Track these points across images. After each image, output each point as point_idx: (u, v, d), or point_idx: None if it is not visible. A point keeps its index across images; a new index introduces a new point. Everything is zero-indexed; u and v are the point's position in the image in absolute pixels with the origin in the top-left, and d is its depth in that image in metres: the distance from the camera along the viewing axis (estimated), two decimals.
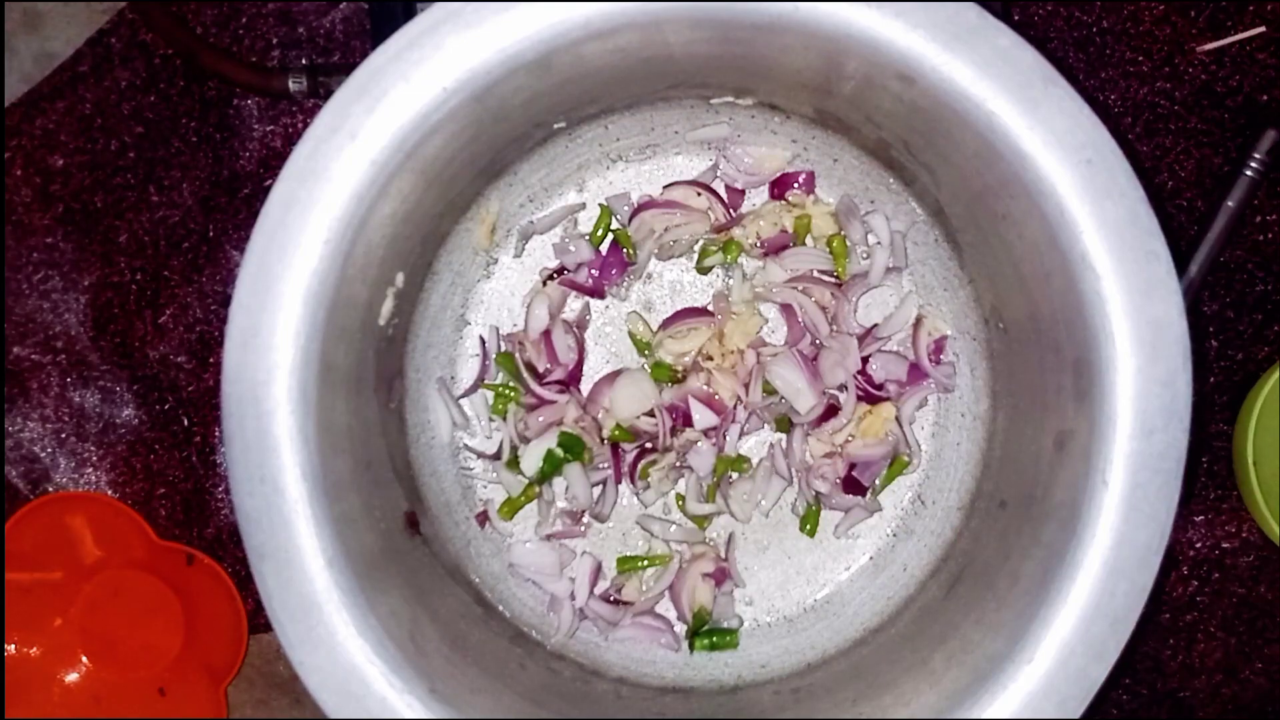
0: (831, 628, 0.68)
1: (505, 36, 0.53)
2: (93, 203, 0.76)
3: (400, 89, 0.52)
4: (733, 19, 0.53)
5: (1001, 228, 0.58)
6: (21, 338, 0.76)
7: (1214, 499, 0.76)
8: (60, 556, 0.75)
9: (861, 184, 0.67)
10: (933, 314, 0.67)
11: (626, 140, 0.67)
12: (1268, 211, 0.75)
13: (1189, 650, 0.76)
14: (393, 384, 0.65)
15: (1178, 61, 0.74)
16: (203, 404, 0.76)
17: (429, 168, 0.56)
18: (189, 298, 0.76)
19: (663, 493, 0.68)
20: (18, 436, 0.76)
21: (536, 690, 0.62)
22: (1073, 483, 0.54)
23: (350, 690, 0.54)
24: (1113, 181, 0.52)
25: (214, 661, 0.75)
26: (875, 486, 0.68)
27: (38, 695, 0.75)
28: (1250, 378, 0.75)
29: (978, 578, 0.61)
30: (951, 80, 0.52)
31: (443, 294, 0.67)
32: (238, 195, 0.76)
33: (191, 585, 0.75)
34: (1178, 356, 0.52)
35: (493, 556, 0.68)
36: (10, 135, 0.75)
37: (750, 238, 0.67)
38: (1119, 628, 0.53)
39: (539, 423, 0.66)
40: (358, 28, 0.75)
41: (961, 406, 0.67)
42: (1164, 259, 0.52)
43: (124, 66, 0.75)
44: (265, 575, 0.53)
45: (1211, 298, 0.75)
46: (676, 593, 0.67)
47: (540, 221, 0.68)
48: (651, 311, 0.69)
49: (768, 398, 0.67)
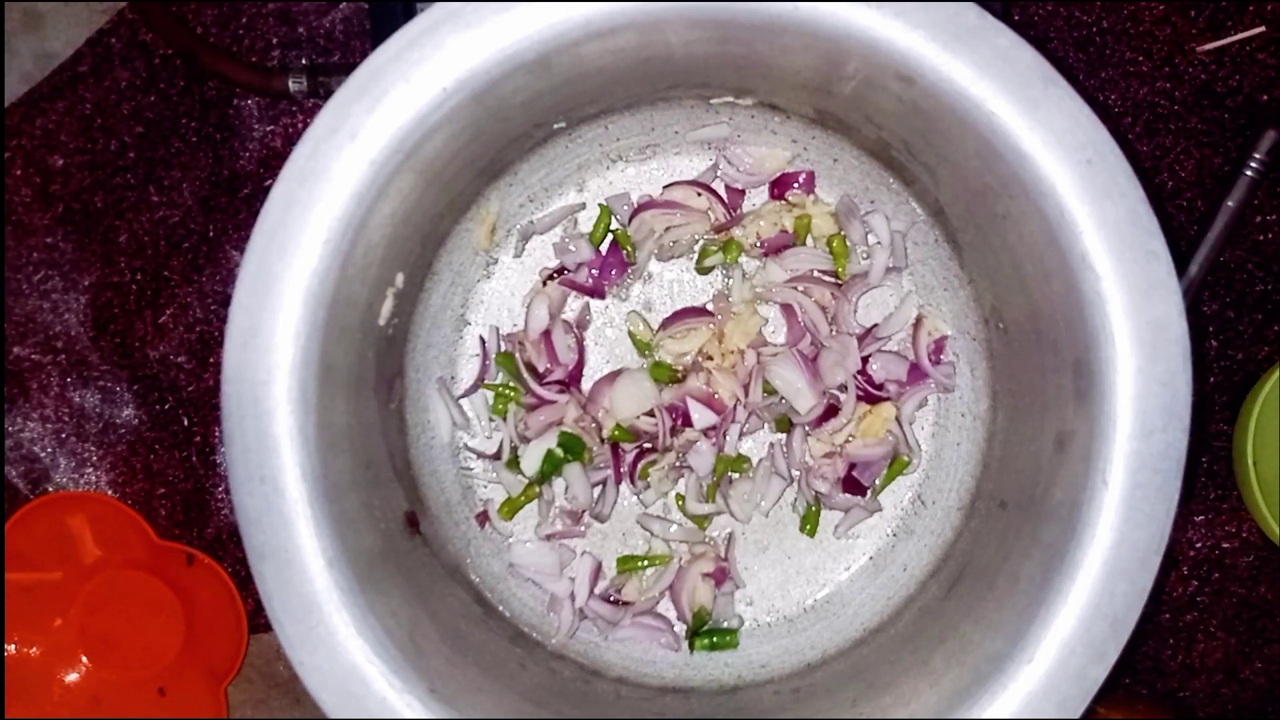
0: (831, 628, 0.68)
1: (505, 36, 0.53)
2: (93, 203, 0.76)
3: (400, 89, 0.52)
4: (733, 19, 0.53)
5: (1001, 228, 0.58)
6: (21, 338, 0.76)
7: (1214, 499, 0.76)
8: (60, 556, 0.75)
9: (861, 184, 0.67)
10: (933, 314, 0.67)
11: (626, 140, 0.67)
12: (1268, 211, 0.75)
13: (1189, 650, 0.76)
14: (393, 384, 0.65)
15: (1178, 61, 0.74)
16: (203, 404, 0.76)
17: (429, 168, 0.56)
18: (189, 298, 0.76)
19: (663, 493, 0.68)
20: (18, 436, 0.76)
21: (536, 690, 0.62)
22: (1073, 483, 0.54)
23: (350, 690, 0.54)
24: (1113, 181, 0.52)
25: (214, 661, 0.75)
26: (875, 486, 0.68)
27: (38, 695, 0.75)
28: (1250, 378, 0.75)
29: (978, 578, 0.61)
30: (951, 80, 0.52)
31: (443, 294, 0.67)
32: (238, 195, 0.76)
33: (191, 585, 0.75)
34: (1178, 356, 0.52)
35: (493, 556, 0.68)
36: (10, 135, 0.75)
37: (750, 238, 0.67)
38: (1119, 628, 0.53)
39: (539, 423, 0.66)
40: (358, 28, 0.75)
41: (961, 406, 0.67)
42: (1164, 259, 0.52)
43: (124, 66, 0.75)
44: (265, 575, 0.53)
45: (1211, 298, 0.75)
46: (676, 593, 0.67)
47: (540, 221, 0.68)
48: (651, 311, 0.69)
49: (768, 398, 0.67)
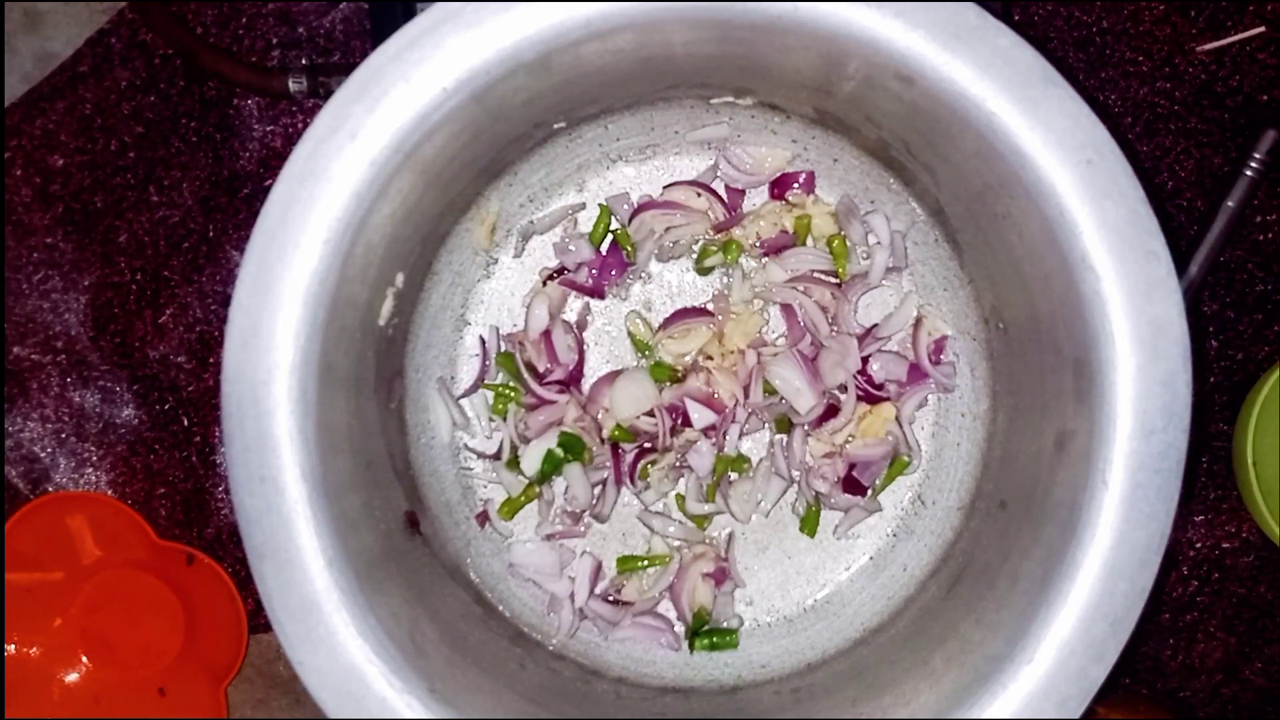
0: (831, 628, 0.68)
1: (505, 36, 0.53)
2: (93, 203, 0.76)
3: (400, 89, 0.52)
4: (733, 19, 0.53)
5: (1001, 228, 0.58)
6: (21, 338, 0.76)
7: (1214, 499, 0.76)
8: (60, 556, 0.75)
9: (861, 184, 0.67)
10: (933, 314, 0.67)
11: (626, 140, 0.67)
12: (1268, 211, 0.75)
13: (1189, 650, 0.76)
14: (393, 384, 0.65)
15: (1178, 61, 0.74)
16: (203, 404, 0.76)
17: (429, 168, 0.56)
18: (189, 298, 0.76)
19: (663, 493, 0.68)
20: (18, 436, 0.76)
21: (536, 690, 0.62)
22: (1073, 483, 0.54)
23: (350, 690, 0.54)
24: (1113, 181, 0.52)
25: (214, 661, 0.75)
26: (875, 486, 0.68)
27: (38, 695, 0.75)
28: (1250, 378, 0.75)
29: (978, 578, 0.61)
30: (951, 80, 0.52)
31: (443, 294, 0.67)
32: (238, 195, 0.76)
33: (191, 585, 0.75)
34: (1178, 356, 0.52)
35: (493, 556, 0.68)
36: (10, 135, 0.75)
37: (750, 238, 0.67)
38: (1119, 628, 0.53)
39: (539, 423, 0.66)
40: (358, 28, 0.75)
41: (961, 406, 0.67)
42: (1164, 259, 0.52)
43: (124, 66, 0.75)
44: (265, 575, 0.53)
45: (1211, 298, 0.75)
46: (676, 593, 0.67)
47: (540, 221, 0.68)
48: (651, 311, 0.69)
49: (768, 398, 0.67)
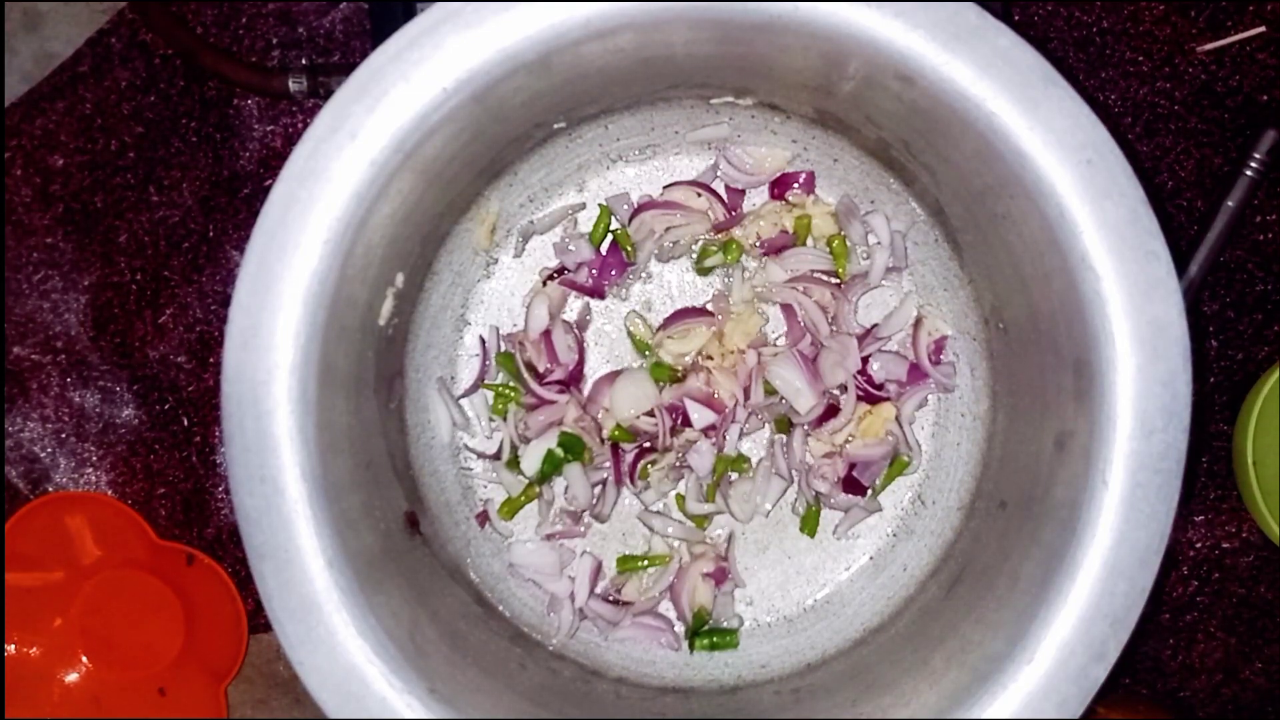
0: (831, 628, 0.68)
1: (505, 36, 0.53)
2: (93, 203, 0.76)
3: (400, 89, 0.52)
4: (733, 19, 0.53)
5: (1001, 228, 0.58)
6: (21, 338, 0.76)
7: (1214, 499, 0.76)
8: (60, 556, 0.75)
9: (861, 184, 0.67)
10: (933, 314, 0.67)
11: (626, 140, 0.67)
12: (1268, 211, 0.75)
13: (1189, 650, 0.76)
14: (393, 384, 0.65)
15: (1178, 61, 0.74)
16: (203, 404, 0.76)
17: (429, 168, 0.56)
18: (189, 298, 0.76)
19: (663, 493, 0.68)
20: (18, 436, 0.76)
21: (536, 690, 0.62)
22: (1073, 483, 0.54)
23: (350, 690, 0.54)
24: (1113, 181, 0.52)
25: (214, 661, 0.75)
26: (875, 486, 0.68)
27: (38, 695, 0.75)
28: (1250, 378, 0.75)
29: (978, 578, 0.61)
30: (951, 80, 0.52)
31: (443, 294, 0.67)
32: (238, 195, 0.75)
33: (191, 585, 0.75)
34: (1178, 356, 0.52)
35: (493, 556, 0.68)
36: (10, 135, 0.75)
37: (750, 238, 0.67)
38: (1119, 628, 0.53)
39: (539, 423, 0.66)
40: (358, 28, 0.75)
41: (961, 406, 0.67)
42: (1164, 259, 0.52)
43: (124, 66, 0.75)
44: (265, 575, 0.53)
45: (1211, 298, 0.75)
46: (676, 593, 0.67)
47: (540, 221, 0.68)
48: (651, 311, 0.69)
49: (768, 398, 0.67)
